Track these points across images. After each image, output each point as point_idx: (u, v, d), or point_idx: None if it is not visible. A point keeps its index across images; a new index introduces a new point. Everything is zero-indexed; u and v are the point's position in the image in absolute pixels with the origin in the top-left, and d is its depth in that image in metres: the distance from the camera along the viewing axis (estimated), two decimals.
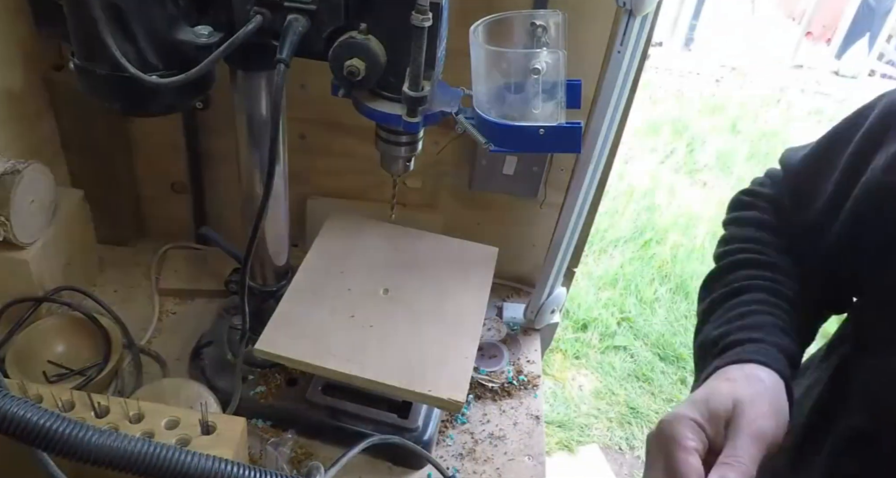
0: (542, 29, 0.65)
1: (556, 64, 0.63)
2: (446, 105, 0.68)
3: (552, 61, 0.63)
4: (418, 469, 0.92)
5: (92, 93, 0.66)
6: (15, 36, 0.95)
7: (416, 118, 0.65)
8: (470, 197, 1.13)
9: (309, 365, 0.76)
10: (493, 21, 0.65)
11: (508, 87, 0.66)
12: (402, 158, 0.73)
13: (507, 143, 0.66)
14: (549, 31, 0.65)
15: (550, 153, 0.81)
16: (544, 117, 0.65)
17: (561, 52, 0.63)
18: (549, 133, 0.64)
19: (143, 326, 1.07)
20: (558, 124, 0.65)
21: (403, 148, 0.72)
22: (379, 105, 0.67)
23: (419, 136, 0.72)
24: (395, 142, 0.71)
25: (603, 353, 2.51)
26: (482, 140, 0.66)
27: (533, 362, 1.12)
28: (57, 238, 0.98)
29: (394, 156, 0.73)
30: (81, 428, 0.47)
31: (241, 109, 0.77)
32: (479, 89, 0.66)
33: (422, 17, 0.58)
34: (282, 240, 0.90)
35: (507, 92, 0.66)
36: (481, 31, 0.64)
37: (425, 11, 0.58)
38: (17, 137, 0.98)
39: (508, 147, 0.66)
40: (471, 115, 0.68)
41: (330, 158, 1.10)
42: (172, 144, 1.11)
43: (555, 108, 0.65)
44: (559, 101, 0.65)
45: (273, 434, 0.91)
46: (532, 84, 0.63)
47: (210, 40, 0.64)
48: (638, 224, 3.02)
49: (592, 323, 2.60)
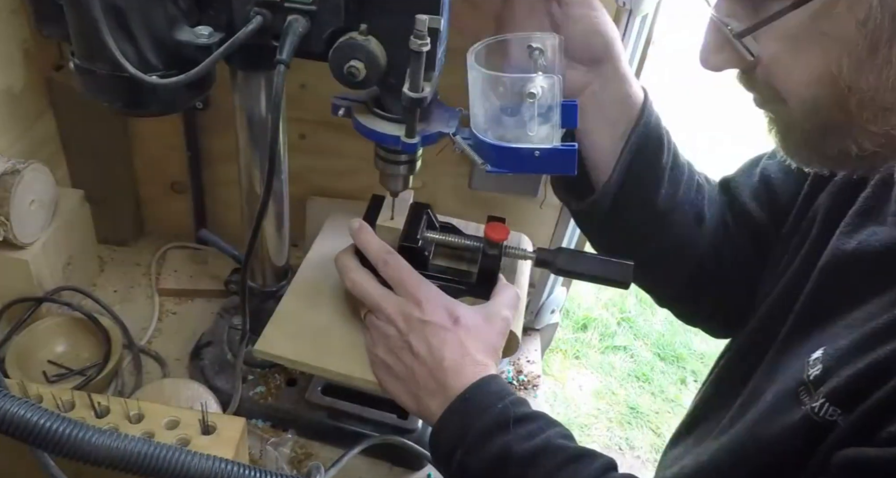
0: (538, 51, 0.67)
1: (552, 88, 0.64)
2: (444, 125, 0.69)
3: (547, 86, 0.64)
4: (418, 470, 0.92)
5: (92, 93, 0.66)
6: (15, 36, 0.95)
7: (413, 139, 0.66)
8: (470, 197, 1.13)
9: (309, 365, 0.76)
10: (491, 44, 0.67)
11: (505, 109, 0.67)
12: (402, 176, 0.75)
13: (504, 163, 0.67)
14: (545, 53, 0.67)
15: (546, 174, 0.82)
16: (540, 139, 0.66)
17: (556, 76, 0.64)
18: (544, 155, 0.66)
19: (143, 326, 1.07)
20: (553, 146, 0.66)
21: (402, 166, 0.74)
22: (377, 125, 0.68)
23: (418, 155, 0.74)
24: (394, 161, 0.73)
25: (603, 353, 2.52)
26: (479, 161, 0.68)
27: (533, 362, 1.12)
28: (57, 238, 0.98)
29: (393, 174, 0.74)
30: (81, 428, 0.47)
31: (241, 109, 0.77)
32: (477, 111, 0.67)
33: (420, 42, 0.59)
34: (282, 240, 0.90)
35: (503, 114, 0.67)
36: (478, 53, 0.66)
37: (423, 36, 0.59)
38: (17, 137, 0.99)
39: (504, 168, 0.68)
40: (468, 135, 0.69)
41: (330, 158, 1.10)
42: (172, 144, 1.11)
43: (550, 130, 0.66)
44: (554, 123, 0.66)
45: (273, 434, 0.91)
46: (528, 107, 0.65)
47: (210, 41, 0.64)
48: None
49: (592, 323, 2.60)
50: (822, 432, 0.53)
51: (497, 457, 0.61)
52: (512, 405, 0.64)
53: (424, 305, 0.68)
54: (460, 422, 0.64)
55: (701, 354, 2.53)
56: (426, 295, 0.69)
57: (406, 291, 0.70)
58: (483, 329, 0.70)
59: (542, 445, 0.62)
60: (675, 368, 2.48)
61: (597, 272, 0.75)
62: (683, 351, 2.52)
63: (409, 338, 0.68)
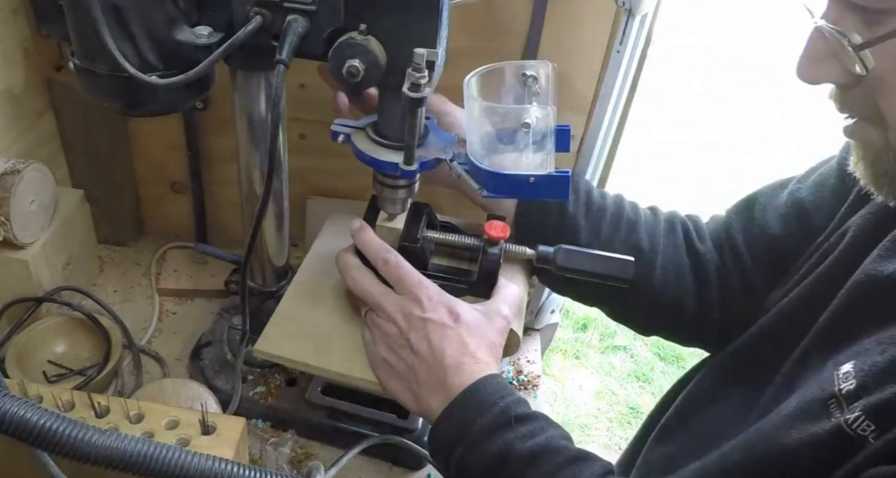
0: (532, 79, 0.68)
1: (546, 118, 0.66)
2: (441, 152, 0.71)
3: (542, 116, 0.66)
4: (418, 469, 0.92)
5: (92, 93, 0.66)
6: (15, 36, 0.95)
7: (412, 166, 0.67)
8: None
9: (309, 365, 0.76)
10: (486, 72, 0.69)
11: (501, 137, 0.69)
12: (400, 199, 0.76)
13: (499, 189, 0.69)
14: (539, 80, 0.68)
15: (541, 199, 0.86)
16: (535, 166, 0.68)
17: (550, 107, 0.66)
18: (539, 181, 0.67)
19: (143, 326, 1.07)
20: (548, 173, 0.67)
21: (401, 190, 0.75)
22: (377, 153, 0.70)
23: (416, 179, 0.75)
24: (392, 185, 0.75)
25: (603, 353, 2.52)
26: (475, 186, 0.69)
27: (533, 362, 1.12)
28: (57, 238, 0.98)
29: (392, 198, 0.76)
30: (81, 428, 0.47)
31: (240, 109, 0.77)
32: (473, 138, 0.69)
33: (418, 75, 0.60)
34: (282, 240, 0.90)
35: (499, 142, 0.69)
36: (474, 83, 0.67)
37: (422, 69, 0.60)
38: (17, 137, 0.99)
39: (500, 193, 0.69)
40: (464, 160, 0.71)
41: (330, 158, 1.10)
42: (172, 144, 1.11)
43: (544, 157, 0.68)
44: (548, 151, 0.68)
45: (273, 434, 0.91)
46: (523, 136, 0.66)
47: (210, 41, 0.64)
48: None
49: (592, 323, 2.60)
50: (852, 445, 0.53)
51: (498, 455, 0.61)
52: (513, 405, 0.64)
53: (425, 302, 0.69)
54: (461, 420, 0.64)
55: (700, 355, 2.54)
56: (426, 293, 0.69)
57: (406, 290, 0.70)
58: (484, 327, 0.70)
59: (544, 444, 0.62)
60: (675, 368, 2.48)
61: (597, 269, 0.75)
62: (683, 351, 2.52)
63: (410, 336, 0.68)
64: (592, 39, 0.93)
